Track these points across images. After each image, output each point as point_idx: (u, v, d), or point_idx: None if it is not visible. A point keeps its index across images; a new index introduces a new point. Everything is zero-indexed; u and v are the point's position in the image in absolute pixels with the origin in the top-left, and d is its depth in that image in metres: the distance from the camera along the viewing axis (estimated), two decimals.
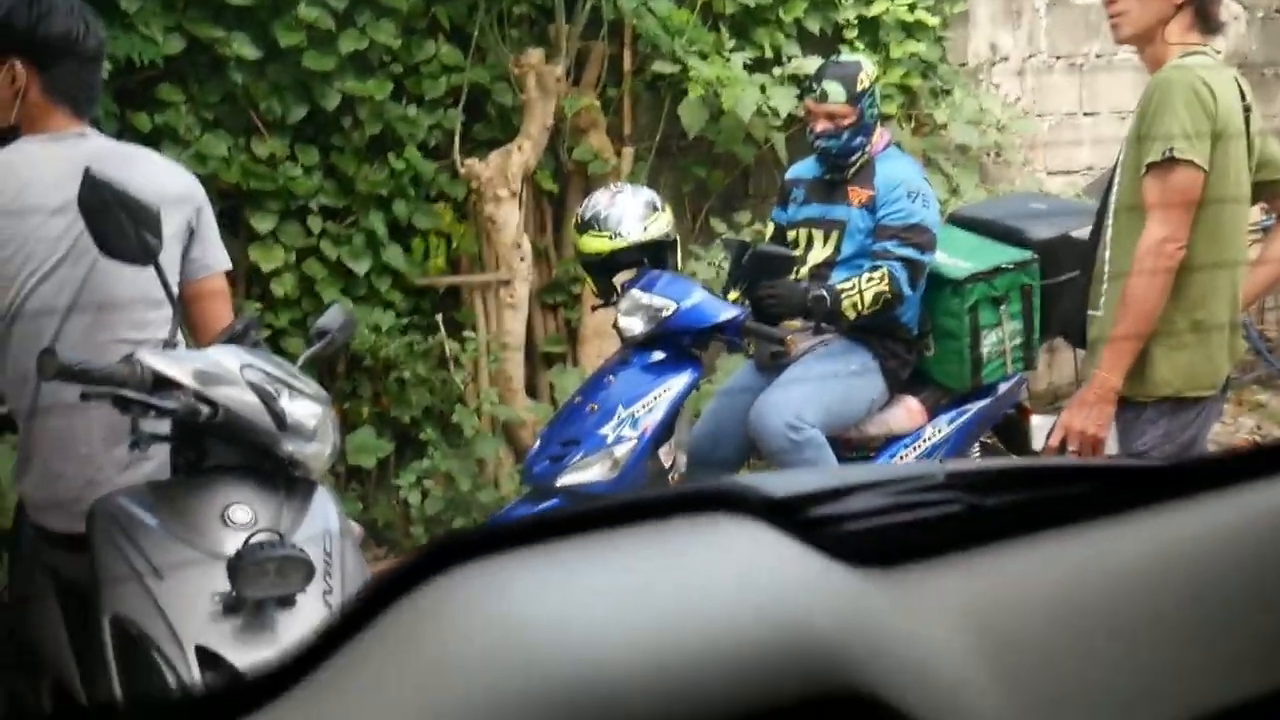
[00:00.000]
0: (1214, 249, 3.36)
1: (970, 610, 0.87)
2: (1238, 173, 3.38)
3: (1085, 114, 7.65)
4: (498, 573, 0.76)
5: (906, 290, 4.27)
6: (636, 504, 0.84)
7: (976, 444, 4.61)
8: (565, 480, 4.00)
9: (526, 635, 0.73)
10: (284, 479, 2.52)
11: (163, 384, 2.38)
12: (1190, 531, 0.98)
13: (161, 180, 2.81)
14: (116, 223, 2.42)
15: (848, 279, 4.27)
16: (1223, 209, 3.34)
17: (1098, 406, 3.37)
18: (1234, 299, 3.46)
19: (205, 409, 2.38)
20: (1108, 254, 3.49)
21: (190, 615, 2.27)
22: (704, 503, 0.85)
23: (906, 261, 4.25)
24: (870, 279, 4.24)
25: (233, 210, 5.20)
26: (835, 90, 4.33)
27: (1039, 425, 3.71)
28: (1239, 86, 3.42)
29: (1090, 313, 3.54)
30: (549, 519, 0.79)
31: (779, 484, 0.88)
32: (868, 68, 4.45)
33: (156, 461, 2.69)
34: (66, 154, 2.74)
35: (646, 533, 0.82)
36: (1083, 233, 4.78)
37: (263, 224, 5.30)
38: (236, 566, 2.24)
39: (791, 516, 0.86)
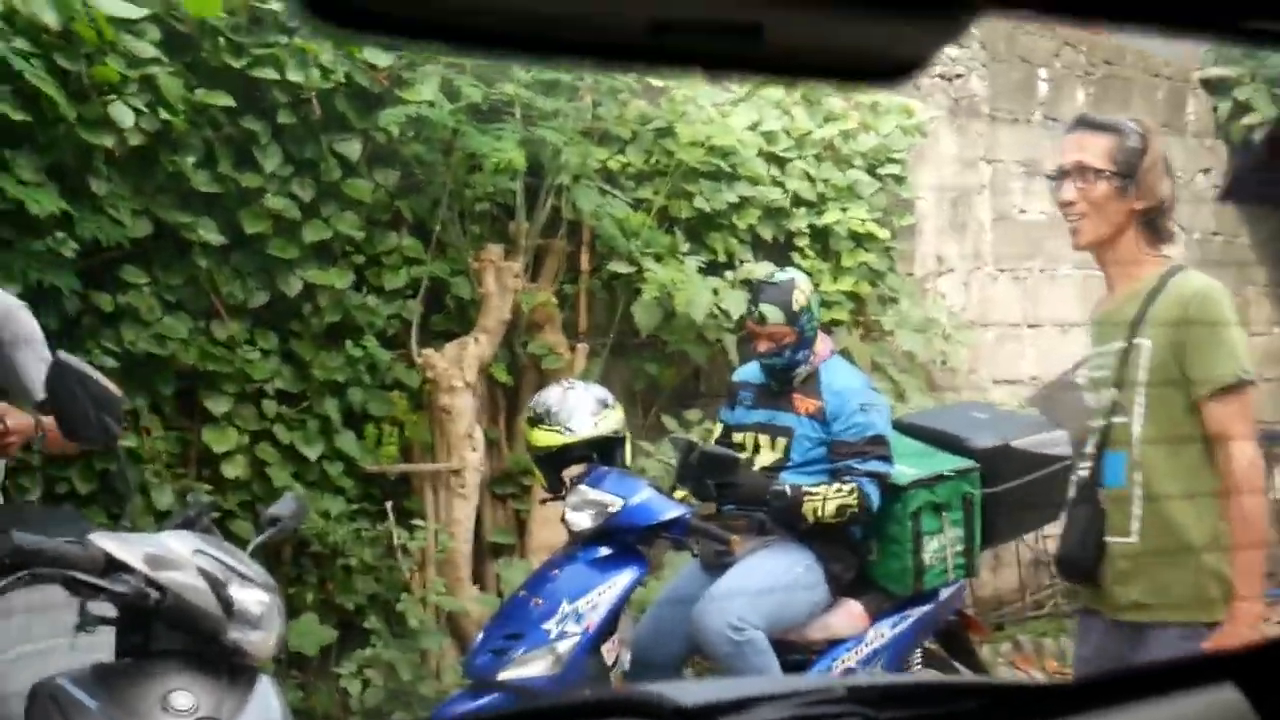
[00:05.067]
0: None
1: None
2: None
3: (1029, 325, 7.87)
4: None
5: (876, 504, 4.36)
6: (553, 710, 0.90)
7: (918, 651, 4.64)
8: (507, 675, 4.01)
9: None
10: (227, 666, 2.54)
11: (114, 566, 2.42)
12: None
13: None
14: (81, 408, 2.49)
15: (816, 484, 4.35)
16: None
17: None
18: None
19: (154, 593, 2.41)
20: (1138, 475, 3.31)
21: None
22: (618, 709, 0.91)
23: (873, 475, 4.35)
24: (840, 490, 4.32)
25: (189, 392, 5.26)
26: (773, 313, 4.45)
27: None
28: None
29: (1115, 539, 3.34)
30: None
31: (689, 693, 0.94)
32: (803, 285, 4.55)
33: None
34: None
35: None
36: (1023, 442, 4.88)
37: (218, 406, 5.34)
38: None
39: None
